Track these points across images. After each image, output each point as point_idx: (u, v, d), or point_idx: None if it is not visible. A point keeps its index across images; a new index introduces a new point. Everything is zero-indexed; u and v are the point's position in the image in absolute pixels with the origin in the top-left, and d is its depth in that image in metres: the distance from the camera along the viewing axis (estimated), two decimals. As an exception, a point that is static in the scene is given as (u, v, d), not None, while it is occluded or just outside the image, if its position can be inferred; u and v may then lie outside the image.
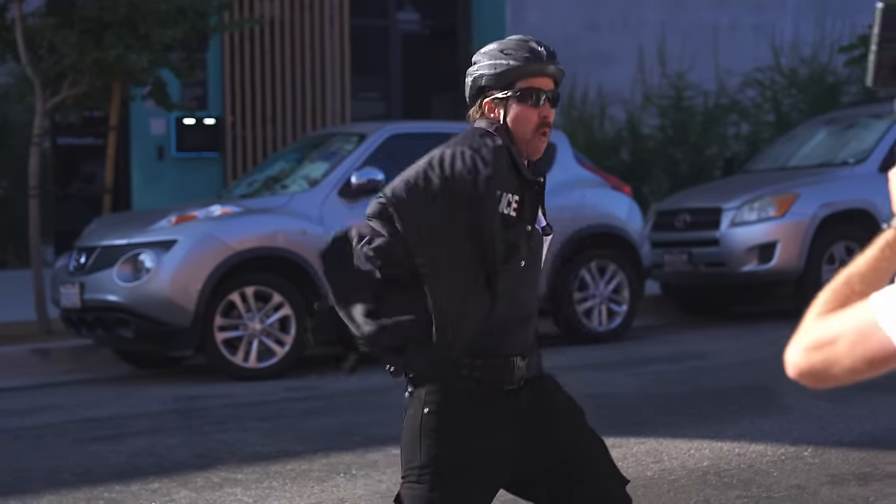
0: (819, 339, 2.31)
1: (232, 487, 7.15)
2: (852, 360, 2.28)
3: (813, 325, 2.33)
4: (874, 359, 2.26)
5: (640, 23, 19.35)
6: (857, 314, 2.28)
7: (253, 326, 10.85)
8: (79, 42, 12.42)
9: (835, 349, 2.29)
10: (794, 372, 2.33)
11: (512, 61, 3.82)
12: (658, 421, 8.37)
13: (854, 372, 2.29)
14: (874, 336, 2.24)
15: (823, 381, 2.32)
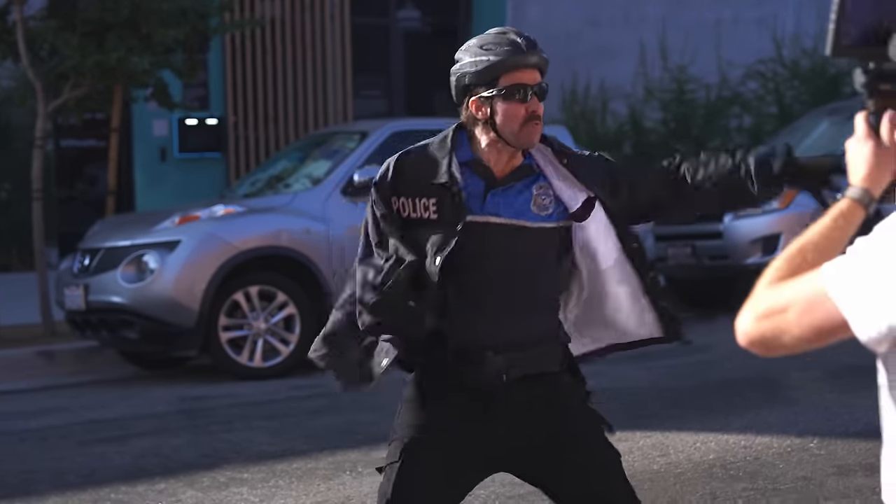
0: (769, 307, 2.31)
1: (238, 487, 7.15)
2: (801, 329, 2.28)
3: (764, 294, 2.33)
4: (822, 328, 2.27)
5: (641, 18, 19.34)
6: (808, 283, 2.28)
7: (257, 326, 10.84)
8: (80, 44, 12.42)
9: (785, 318, 2.29)
10: (745, 340, 2.34)
11: (492, 56, 3.81)
12: (664, 414, 8.37)
13: (803, 341, 2.29)
14: (823, 306, 2.25)
15: (773, 350, 2.32)
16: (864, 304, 2.22)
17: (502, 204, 3.84)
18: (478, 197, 3.84)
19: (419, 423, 3.82)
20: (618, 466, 3.95)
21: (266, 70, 17.14)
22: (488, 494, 6.65)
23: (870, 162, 2.42)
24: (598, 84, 18.97)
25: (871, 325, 2.22)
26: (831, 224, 2.38)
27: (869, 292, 2.21)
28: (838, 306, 2.24)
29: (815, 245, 2.36)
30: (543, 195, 3.87)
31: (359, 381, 3.91)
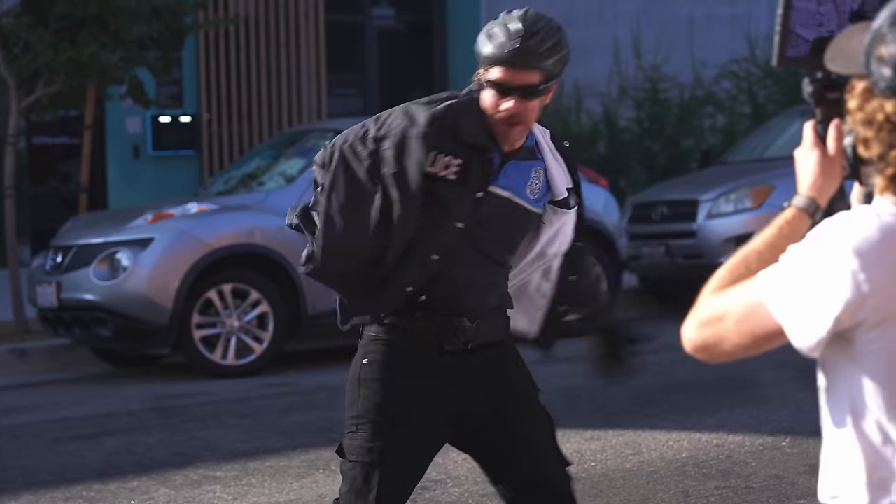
0: (710, 315, 2.35)
1: (211, 485, 7.14)
2: (739, 336, 2.32)
3: (705, 302, 2.37)
4: (759, 335, 2.30)
5: (616, 15, 19.37)
6: (745, 291, 2.31)
7: (231, 324, 10.83)
8: (53, 41, 12.38)
9: (724, 325, 2.33)
10: (689, 346, 2.39)
11: (488, 48, 3.78)
12: (636, 413, 8.39)
13: (742, 347, 2.33)
14: (758, 313, 2.28)
15: (716, 356, 2.36)
16: (798, 312, 2.24)
17: (512, 178, 3.87)
18: (496, 167, 3.86)
19: (389, 415, 3.79)
20: (552, 429, 4.02)
21: (240, 67, 17.11)
22: (462, 492, 6.66)
23: (816, 171, 2.45)
24: (573, 82, 18.99)
25: (804, 332, 2.25)
26: (776, 233, 2.42)
27: (802, 299, 2.24)
28: (772, 314, 2.27)
29: (759, 254, 2.39)
30: (537, 180, 3.91)
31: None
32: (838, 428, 2.33)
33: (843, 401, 2.31)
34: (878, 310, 2.21)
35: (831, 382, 2.34)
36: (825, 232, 2.25)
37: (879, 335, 2.23)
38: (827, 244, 2.23)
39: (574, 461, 7.10)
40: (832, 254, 2.21)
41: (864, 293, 2.20)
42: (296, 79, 17.37)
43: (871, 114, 2.27)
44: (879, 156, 2.26)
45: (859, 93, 2.30)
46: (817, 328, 2.23)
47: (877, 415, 2.27)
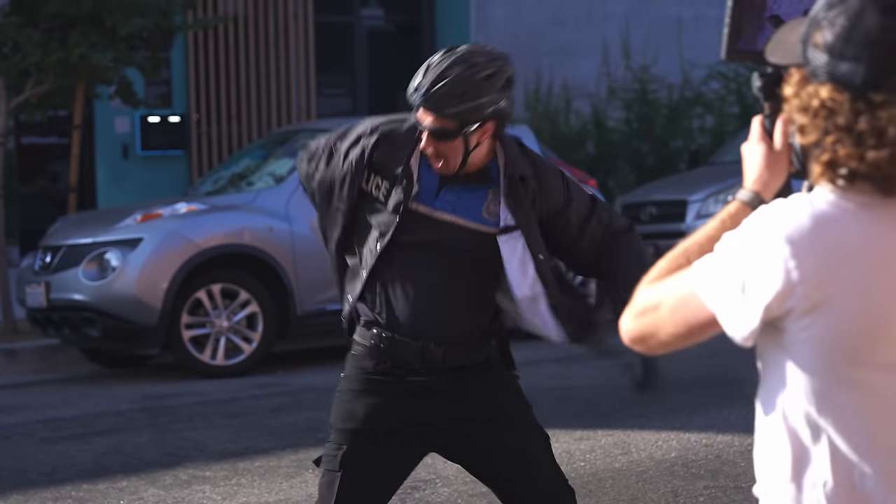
0: (646, 304, 2.36)
1: (200, 485, 7.14)
2: (674, 326, 2.32)
3: (642, 292, 2.38)
4: (693, 325, 2.31)
5: (605, 16, 19.39)
6: (680, 281, 2.32)
7: (220, 324, 10.82)
8: (43, 41, 12.36)
9: (658, 315, 2.34)
10: (626, 337, 2.40)
11: (410, 86, 3.87)
12: (625, 413, 8.40)
13: (677, 337, 2.34)
14: (692, 302, 2.29)
15: (652, 347, 2.37)
16: (730, 301, 2.25)
17: (455, 202, 3.91)
18: (431, 191, 3.91)
19: (356, 426, 3.91)
20: (546, 448, 4.05)
21: (229, 68, 17.10)
22: (451, 492, 6.67)
23: (761, 165, 2.45)
24: (562, 83, 19.02)
25: (737, 321, 2.25)
26: (718, 226, 2.41)
27: (733, 288, 2.24)
28: (705, 303, 2.28)
29: (700, 246, 2.39)
30: (496, 201, 3.93)
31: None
32: (769, 420, 2.33)
33: (775, 392, 2.31)
34: (808, 298, 2.21)
35: (765, 373, 2.34)
36: (758, 220, 2.26)
37: (809, 324, 2.22)
38: (759, 232, 2.23)
39: (562, 461, 7.13)
40: (763, 242, 2.22)
41: (793, 281, 2.20)
42: (285, 79, 17.36)
43: (806, 100, 2.27)
44: (815, 142, 2.26)
45: (796, 81, 2.30)
46: (749, 317, 2.23)
47: (806, 407, 2.27)
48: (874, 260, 2.23)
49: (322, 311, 11.09)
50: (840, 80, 2.22)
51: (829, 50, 2.23)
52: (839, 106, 2.22)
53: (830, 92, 2.23)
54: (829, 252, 2.21)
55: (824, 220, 2.22)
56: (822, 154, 2.25)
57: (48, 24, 12.52)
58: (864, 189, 2.25)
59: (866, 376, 2.25)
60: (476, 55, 3.85)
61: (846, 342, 2.23)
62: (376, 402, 3.94)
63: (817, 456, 2.27)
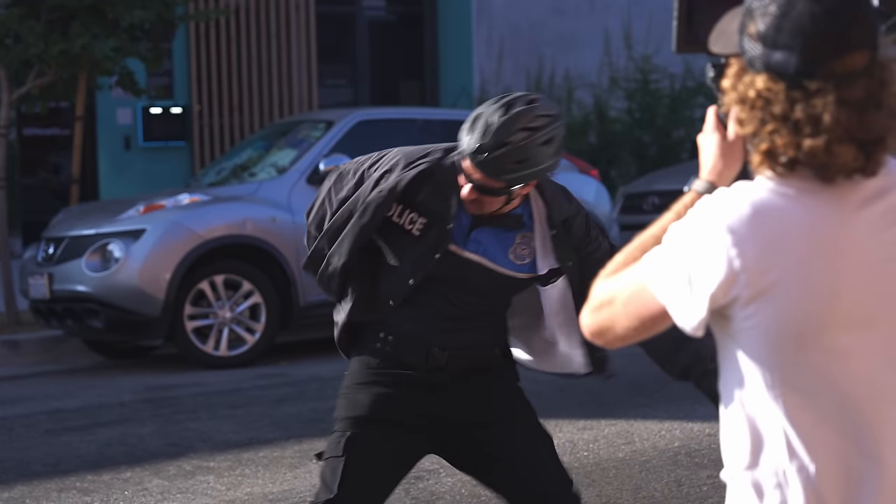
0: (602, 299, 2.37)
1: (204, 475, 7.15)
2: (628, 319, 2.34)
3: (599, 286, 2.40)
4: (645, 317, 2.32)
5: (606, 5, 19.37)
6: (632, 274, 2.34)
7: (223, 315, 10.83)
8: (44, 32, 12.36)
9: (613, 309, 2.35)
10: (586, 331, 2.40)
11: (464, 138, 3.82)
12: (628, 402, 8.41)
13: (633, 330, 2.35)
14: (643, 295, 2.31)
15: (610, 341, 2.38)
16: (678, 291, 2.26)
17: (485, 243, 3.94)
18: (463, 230, 3.94)
19: (360, 413, 3.95)
20: (549, 449, 4.09)
21: (230, 58, 17.10)
22: (455, 482, 6.68)
23: (716, 155, 2.45)
24: (563, 73, 19.01)
25: (685, 311, 2.27)
26: (674, 217, 2.41)
27: (680, 278, 2.26)
28: (655, 295, 2.29)
29: (655, 238, 2.39)
30: (524, 245, 3.96)
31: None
32: (727, 407, 2.34)
33: (731, 380, 2.32)
34: (751, 285, 2.22)
35: (721, 365, 2.36)
36: (700, 211, 2.27)
37: (754, 311, 2.24)
38: (701, 222, 2.25)
39: (566, 451, 7.14)
40: (706, 231, 2.23)
41: (736, 269, 2.21)
42: (286, 69, 17.36)
43: (743, 91, 2.28)
44: (753, 132, 2.27)
45: (734, 72, 2.31)
46: (696, 307, 2.25)
47: (760, 393, 2.28)
48: (815, 245, 2.24)
49: (325, 301, 11.06)
50: (774, 69, 2.23)
51: (763, 39, 2.24)
52: (775, 95, 2.23)
53: (766, 82, 2.24)
54: (770, 239, 2.22)
55: (764, 207, 2.24)
56: (761, 143, 2.26)
57: (50, 15, 12.52)
58: (805, 175, 2.26)
59: (814, 361, 2.26)
60: (536, 114, 3.77)
61: (792, 327, 2.24)
62: (382, 391, 3.98)
63: (773, 441, 2.28)
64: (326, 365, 10.44)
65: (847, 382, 2.27)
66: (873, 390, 2.28)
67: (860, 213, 2.27)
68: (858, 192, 2.27)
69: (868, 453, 2.28)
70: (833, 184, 2.26)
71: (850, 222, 2.26)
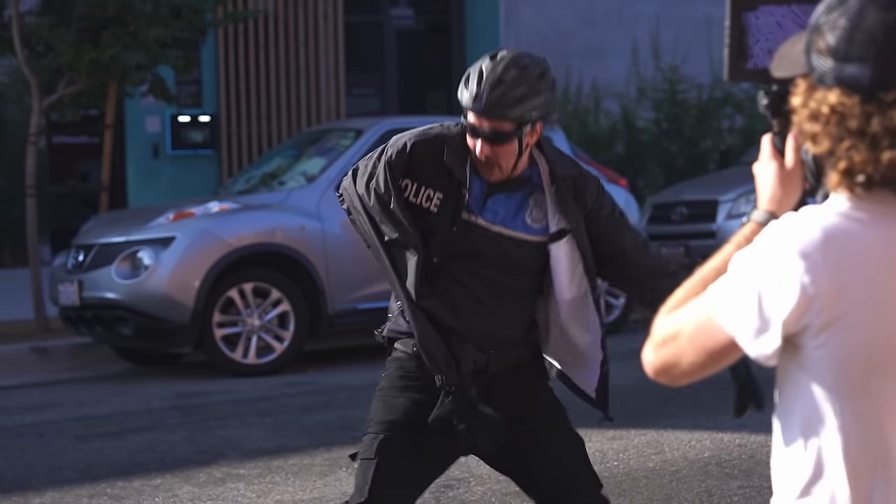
0: (665, 334, 2.31)
1: (234, 483, 7.17)
2: (695, 353, 2.27)
3: (661, 322, 2.33)
4: (713, 350, 2.26)
5: (634, 16, 19.37)
6: (696, 308, 2.28)
7: (252, 322, 10.86)
8: (75, 41, 12.43)
9: (679, 344, 2.28)
10: (650, 370, 2.33)
11: (463, 95, 3.89)
12: (657, 412, 8.40)
13: (699, 365, 2.28)
14: (709, 327, 2.24)
15: (676, 377, 2.31)
16: (747, 320, 2.20)
17: (501, 211, 3.94)
18: (479, 200, 3.93)
19: (395, 417, 3.97)
20: (581, 451, 4.10)
21: (259, 67, 17.15)
22: (485, 491, 6.68)
23: (775, 184, 2.40)
24: (591, 83, 19.01)
25: (757, 340, 2.21)
26: (734, 249, 2.36)
27: (750, 307, 2.20)
28: (723, 326, 2.23)
29: (717, 271, 2.34)
30: (538, 207, 3.96)
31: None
32: (787, 440, 2.29)
33: (793, 408, 2.27)
34: (824, 313, 2.17)
35: (782, 393, 2.29)
36: (769, 236, 2.21)
37: (827, 339, 2.18)
38: (771, 249, 2.19)
39: (596, 460, 7.13)
40: (776, 258, 2.17)
41: (810, 296, 2.16)
42: (314, 79, 17.40)
43: (815, 108, 2.21)
44: (829, 150, 2.21)
45: (803, 90, 2.25)
46: (769, 335, 2.19)
47: (824, 421, 2.23)
48: (890, 271, 2.19)
49: (353, 309, 11.12)
50: (847, 82, 2.17)
51: (834, 53, 2.18)
52: (849, 110, 2.17)
53: (839, 96, 2.18)
54: (843, 265, 2.16)
55: (837, 232, 2.18)
56: (839, 162, 2.19)
57: (80, 24, 12.58)
58: (880, 197, 2.20)
59: (885, 388, 2.21)
60: (522, 58, 3.88)
61: (864, 356, 2.19)
62: (418, 397, 3.99)
63: (833, 470, 2.23)
64: (355, 373, 10.46)
65: None
66: None
67: None
68: None
69: None
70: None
71: None
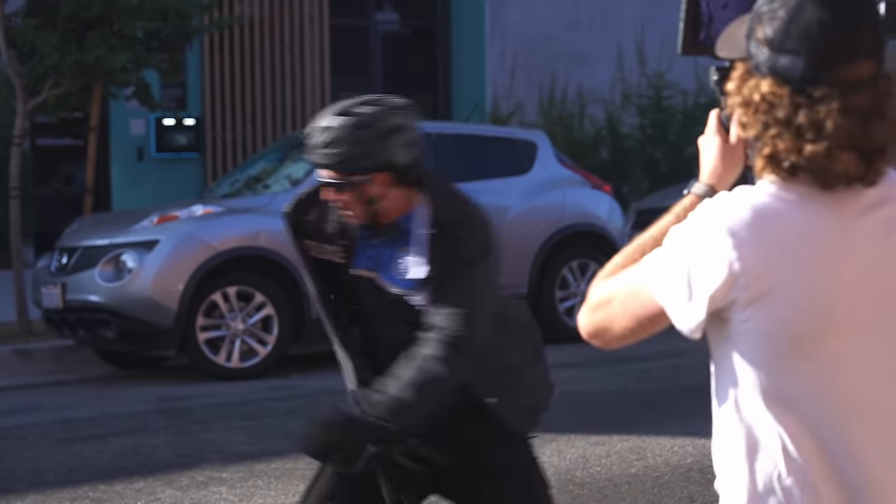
0: (600, 299, 2.40)
1: (217, 486, 7.16)
2: (626, 319, 2.37)
3: (597, 286, 2.42)
4: (643, 317, 2.35)
5: (620, 21, 19.40)
6: (631, 275, 2.37)
7: (235, 326, 10.84)
8: (60, 43, 12.41)
9: (611, 309, 2.38)
10: (584, 332, 2.43)
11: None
12: (641, 418, 8.41)
13: (630, 330, 2.37)
14: (642, 295, 2.33)
15: (608, 341, 2.41)
16: (677, 293, 2.28)
17: (376, 258, 3.86)
18: (362, 248, 3.89)
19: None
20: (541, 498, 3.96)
21: (244, 71, 17.14)
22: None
23: (717, 158, 2.49)
24: (576, 88, 19.03)
25: (684, 312, 2.28)
26: (673, 220, 2.45)
27: (680, 280, 2.27)
28: (654, 296, 2.31)
29: (654, 240, 2.43)
30: (411, 256, 3.80)
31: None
32: (722, 412, 2.34)
33: (726, 384, 2.33)
34: (750, 288, 2.23)
35: (716, 366, 2.37)
36: (701, 213, 2.29)
37: (752, 314, 2.25)
38: (702, 225, 2.26)
39: (578, 466, 7.15)
40: (706, 234, 2.25)
41: (735, 272, 2.23)
42: (300, 82, 17.40)
43: (748, 95, 2.29)
44: (756, 136, 2.29)
45: (739, 75, 2.33)
46: (695, 308, 2.26)
47: (755, 398, 2.29)
48: (815, 250, 2.26)
49: (337, 314, 11.10)
50: (780, 73, 2.25)
51: (770, 43, 2.26)
52: (779, 100, 2.25)
53: (771, 86, 2.26)
54: (770, 243, 2.24)
55: (765, 211, 2.25)
56: (764, 147, 2.28)
57: (66, 25, 12.56)
58: (806, 182, 2.27)
59: (811, 367, 2.27)
60: (360, 104, 3.81)
61: (789, 332, 2.25)
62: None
63: (770, 447, 2.28)
64: (338, 377, 10.41)
65: (840, 390, 2.28)
66: (864, 399, 2.29)
67: (859, 221, 2.29)
68: (858, 200, 2.29)
69: (856, 460, 2.28)
70: (833, 191, 2.28)
71: (850, 230, 2.28)
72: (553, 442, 7.65)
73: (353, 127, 3.75)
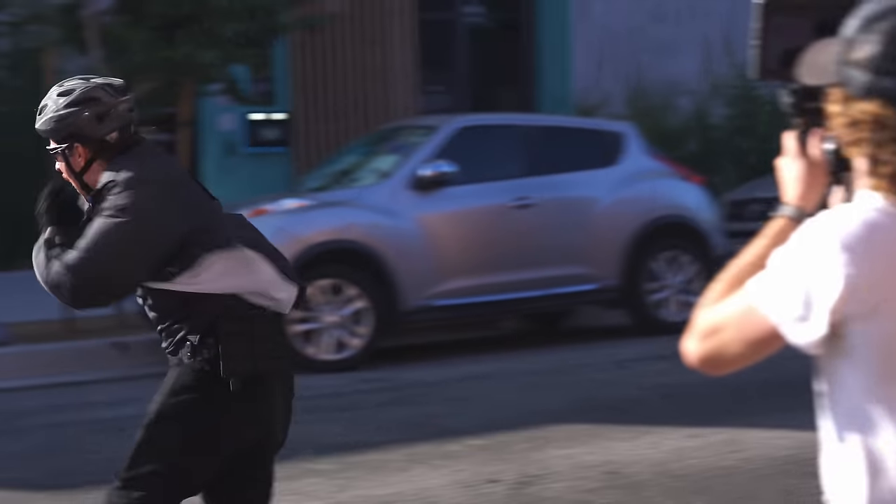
0: (707, 327, 2.41)
1: (312, 478, 7.23)
2: (738, 344, 2.38)
3: (703, 315, 2.44)
4: (757, 340, 2.36)
5: (706, 12, 19.27)
6: (738, 299, 2.39)
7: (328, 319, 10.91)
8: (149, 40, 12.54)
9: (723, 335, 2.39)
10: (695, 360, 2.43)
11: None
12: (734, 410, 8.37)
13: (743, 355, 2.39)
14: (753, 317, 2.34)
15: (720, 367, 2.42)
16: (794, 311, 2.29)
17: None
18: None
19: None
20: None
21: (332, 65, 17.23)
22: (562, 488, 6.69)
23: (801, 180, 2.53)
24: (663, 80, 18.94)
25: (801, 327, 2.30)
26: (767, 244, 2.47)
27: (794, 297, 2.29)
28: (766, 316, 2.33)
29: (752, 265, 2.45)
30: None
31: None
32: (837, 431, 2.34)
33: (842, 403, 2.33)
34: (866, 302, 2.25)
35: (829, 385, 2.37)
36: (810, 231, 2.31)
37: (869, 327, 2.27)
38: (813, 242, 2.29)
39: (673, 458, 7.13)
40: (822, 250, 2.27)
41: (853, 286, 2.25)
42: (387, 76, 17.46)
43: (855, 117, 2.33)
44: (871, 155, 2.33)
45: (838, 99, 2.37)
46: (815, 323, 2.28)
47: (875, 415, 2.29)
48: None
49: (427, 306, 11.16)
50: (885, 95, 2.30)
51: (869, 67, 2.30)
52: (887, 120, 2.30)
53: (877, 107, 2.30)
54: (883, 256, 2.27)
55: (876, 227, 2.29)
56: (884, 166, 2.31)
57: (154, 22, 12.70)
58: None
59: None
60: (74, 81, 4.23)
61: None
62: None
63: (892, 462, 2.28)
64: (429, 370, 10.50)
65: None
66: None
67: None
68: None
69: None
70: None
71: None
72: (647, 434, 7.64)
73: (55, 96, 4.19)
